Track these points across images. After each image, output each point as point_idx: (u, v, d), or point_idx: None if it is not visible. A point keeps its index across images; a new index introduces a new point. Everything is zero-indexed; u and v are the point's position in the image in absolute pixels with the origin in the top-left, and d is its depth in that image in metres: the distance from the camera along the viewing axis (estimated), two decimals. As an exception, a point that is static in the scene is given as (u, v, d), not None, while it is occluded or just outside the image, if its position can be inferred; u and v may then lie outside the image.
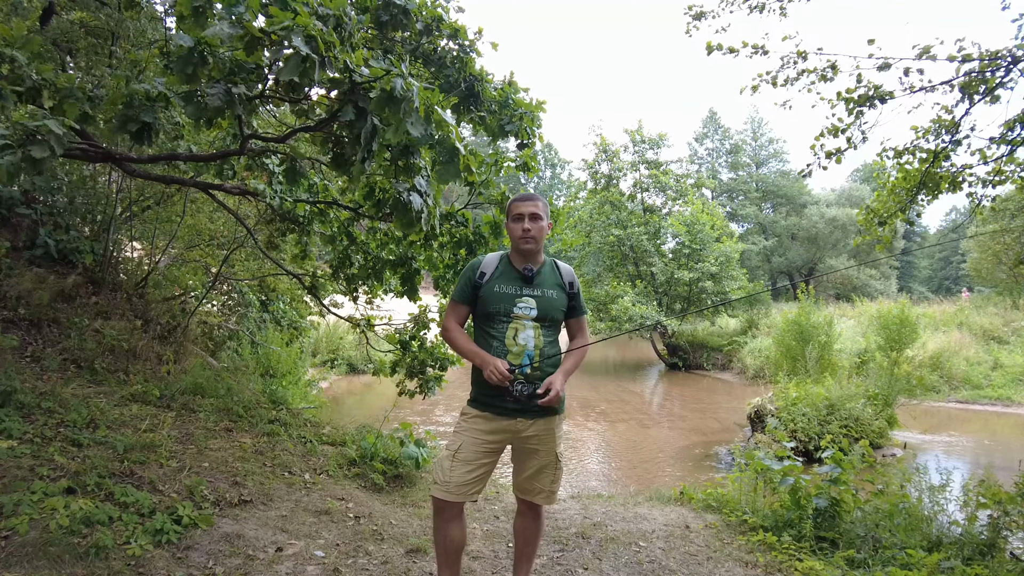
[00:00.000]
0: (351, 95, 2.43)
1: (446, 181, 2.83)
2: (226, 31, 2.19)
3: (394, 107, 2.34)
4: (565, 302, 2.45)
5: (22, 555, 2.37)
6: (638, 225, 19.90)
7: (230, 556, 2.77)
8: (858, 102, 4.50)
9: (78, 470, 3.07)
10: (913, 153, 4.64)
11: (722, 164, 47.96)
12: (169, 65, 2.31)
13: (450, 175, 2.74)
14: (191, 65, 2.25)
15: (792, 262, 38.14)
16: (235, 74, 2.40)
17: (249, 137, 3.22)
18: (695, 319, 19.62)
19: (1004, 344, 14.61)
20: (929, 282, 47.26)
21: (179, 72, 2.27)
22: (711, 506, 4.39)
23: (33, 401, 3.84)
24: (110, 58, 4.83)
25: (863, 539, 3.53)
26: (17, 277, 5.23)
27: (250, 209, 7.01)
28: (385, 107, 2.36)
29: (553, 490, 2.46)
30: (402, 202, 2.90)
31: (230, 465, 3.83)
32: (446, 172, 2.74)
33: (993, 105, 4.19)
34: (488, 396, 2.34)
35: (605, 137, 20.66)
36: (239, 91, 2.40)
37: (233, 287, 8.15)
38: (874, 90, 4.40)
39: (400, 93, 2.33)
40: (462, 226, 4.46)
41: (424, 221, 2.97)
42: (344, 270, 5.28)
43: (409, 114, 2.36)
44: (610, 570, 3.22)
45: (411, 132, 2.38)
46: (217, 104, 2.38)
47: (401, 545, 3.26)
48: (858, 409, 8.07)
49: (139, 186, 6.57)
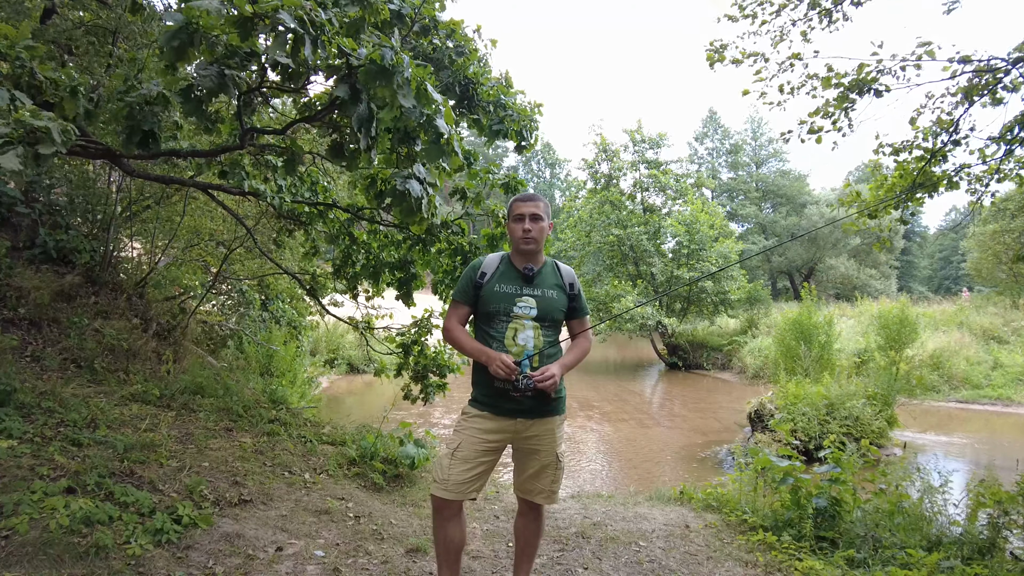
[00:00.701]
0: (348, 78, 2.42)
1: (432, 161, 2.80)
2: (215, 4, 2.17)
3: (385, 79, 2.32)
4: (565, 302, 2.45)
5: (22, 554, 2.37)
6: (638, 225, 19.90)
7: (230, 556, 2.77)
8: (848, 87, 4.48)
9: (78, 470, 3.07)
10: (911, 151, 4.62)
11: (722, 164, 47.98)
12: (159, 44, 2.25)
13: (434, 155, 2.72)
14: (179, 39, 2.18)
15: (792, 261, 38.14)
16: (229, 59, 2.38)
17: (249, 131, 3.21)
18: (695, 319, 19.62)
19: (1004, 344, 14.62)
20: (929, 282, 47.29)
21: (166, 46, 2.19)
22: (711, 506, 4.39)
23: (33, 401, 3.84)
24: (111, 57, 4.82)
25: (863, 539, 3.53)
26: (17, 277, 5.23)
27: (250, 209, 7.01)
28: (376, 79, 2.33)
29: (554, 490, 2.46)
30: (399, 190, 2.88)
31: (230, 465, 3.83)
32: (431, 152, 2.72)
33: (995, 107, 4.18)
34: (488, 396, 2.34)
35: (605, 137, 20.70)
36: (232, 73, 2.38)
37: (233, 287, 8.15)
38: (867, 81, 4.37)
39: (390, 63, 2.30)
40: (458, 235, 4.46)
41: (424, 208, 2.94)
42: (347, 269, 5.29)
43: (401, 86, 2.34)
44: (610, 570, 3.22)
45: (403, 104, 2.36)
46: (211, 85, 2.34)
47: (401, 544, 3.26)
48: (858, 409, 8.08)
49: (139, 185, 6.56)
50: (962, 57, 4.11)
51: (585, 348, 2.56)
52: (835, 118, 4.64)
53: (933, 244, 48.37)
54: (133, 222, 7.02)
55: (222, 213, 7.02)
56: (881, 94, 4.41)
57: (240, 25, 2.22)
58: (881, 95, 4.41)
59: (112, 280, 6.26)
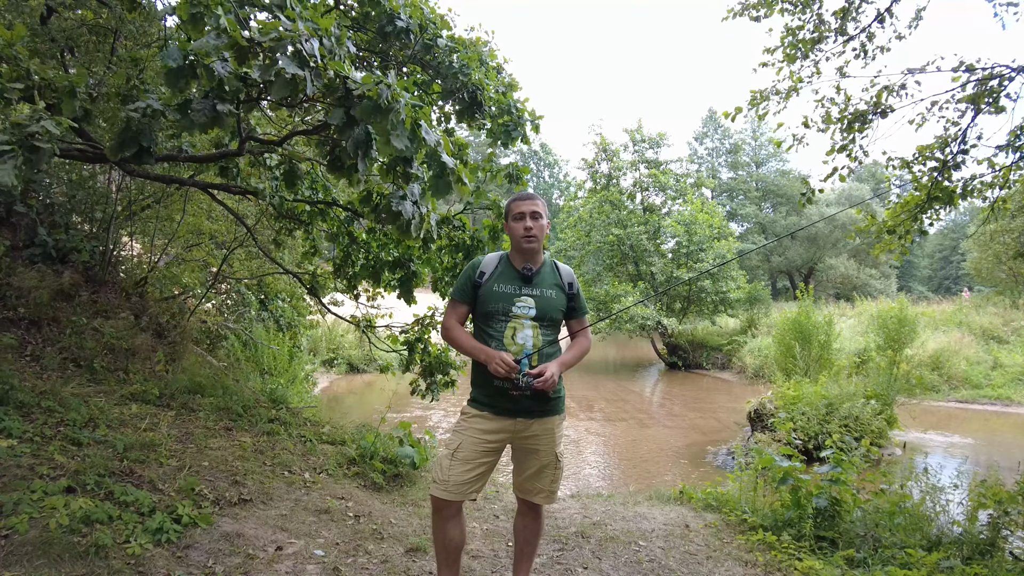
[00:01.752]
0: (344, 101, 2.43)
1: (440, 196, 2.84)
2: (212, 43, 2.22)
3: (380, 117, 2.35)
4: (564, 302, 2.45)
5: (22, 554, 2.37)
6: (638, 224, 19.89)
7: (230, 555, 2.77)
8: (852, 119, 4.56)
9: (78, 469, 3.07)
10: (923, 163, 4.64)
11: (722, 164, 47.97)
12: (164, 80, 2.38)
13: (442, 190, 2.76)
14: (183, 79, 2.33)
15: (792, 261, 38.15)
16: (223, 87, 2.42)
17: (247, 139, 3.22)
18: (695, 318, 19.63)
19: (1004, 343, 14.62)
20: (929, 281, 47.31)
21: (171, 87, 2.34)
22: (711, 505, 4.39)
23: (33, 400, 3.84)
24: (111, 55, 4.82)
25: (863, 538, 3.53)
26: (16, 276, 5.23)
27: (250, 208, 7.01)
28: (372, 116, 2.36)
29: (553, 490, 2.46)
30: (393, 211, 2.91)
31: (230, 464, 3.83)
32: (438, 187, 2.75)
33: (998, 115, 4.18)
34: (488, 396, 2.34)
35: (605, 136, 20.69)
36: (224, 108, 2.44)
37: (232, 286, 8.14)
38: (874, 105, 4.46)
39: (385, 103, 2.33)
40: (460, 231, 4.47)
41: (414, 228, 2.97)
42: (347, 268, 5.30)
43: (395, 126, 2.36)
44: (610, 569, 3.22)
45: (395, 144, 2.39)
46: (203, 121, 2.42)
47: (401, 544, 3.26)
48: (858, 408, 8.08)
49: (139, 185, 6.56)
50: (967, 66, 4.12)
51: (584, 347, 2.57)
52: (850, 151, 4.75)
53: (933, 244, 48.39)
54: (133, 221, 7.01)
55: (222, 212, 7.02)
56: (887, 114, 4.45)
57: (237, 52, 2.28)
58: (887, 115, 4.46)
59: (112, 279, 6.26)
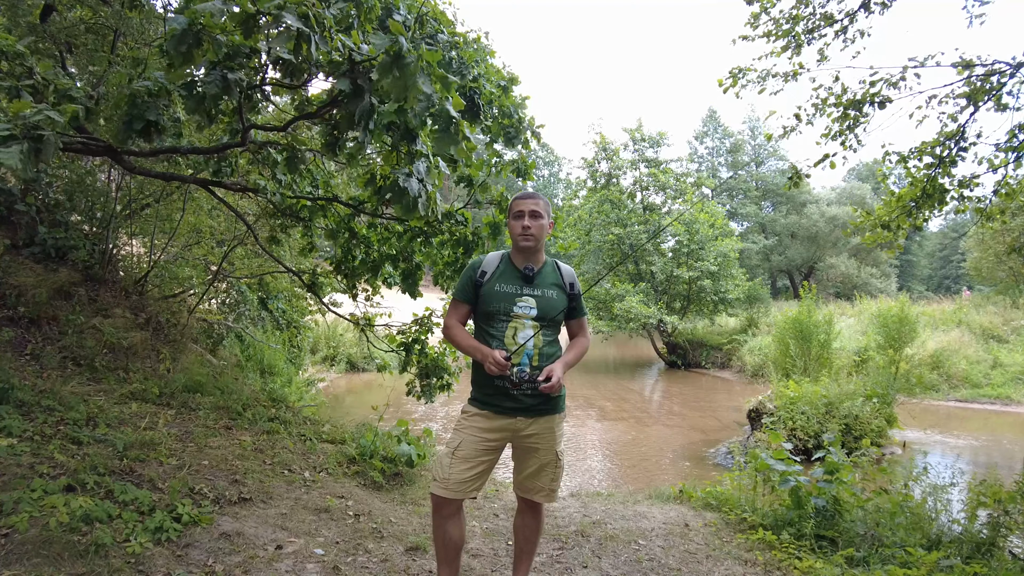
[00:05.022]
0: (350, 73, 2.43)
1: (444, 150, 2.81)
2: (218, 6, 2.19)
3: (402, 67, 2.33)
4: (565, 302, 2.45)
5: (22, 553, 2.37)
6: (638, 224, 19.88)
7: (230, 554, 2.77)
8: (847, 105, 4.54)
9: (78, 468, 3.06)
10: (920, 158, 4.62)
11: (722, 163, 47.94)
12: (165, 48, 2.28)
13: (447, 143, 2.73)
14: (185, 44, 2.22)
15: (792, 260, 38.14)
16: (232, 59, 2.39)
17: (250, 127, 3.21)
18: (695, 317, 19.62)
19: (1004, 343, 14.63)
20: (929, 281, 47.31)
21: (173, 51, 2.22)
22: (710, 504, 4.39)
23: (32, 399, 3.84)
24: (112, 54, 4.81)
25: (863, 538, 3.53)
26: (16, 274, 5.22)
27: (250, 206, 7.00)
28: (391, 70, 2.33)
29: (553, 488, 2.46)
30: (400, 187, 2.91)
31: (230, 463, 3.83)
32: (443, 140, 2.73)
33: (1001, 113, 4.17)
34: (488, 395, 2.34)
35: (605, 135, 20.66)
36: (235, 77, 2.39)
37: (232, 285, 8.14)
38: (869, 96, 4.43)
39: (407, 53, 2.32)
40: (461, 225, 4.47)
41: (422, 206, 2.97)
42: (346, 265, 5.29)
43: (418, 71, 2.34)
44: (609, 568, 3.22)
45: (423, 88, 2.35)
46: (215, 91, 2.37)
47: (401, 543, 3.26)
48: (857, 407, 8.08)
49: (139, 183, 6.55)
50: (966, 62, 4.11)
51: (584, 346, 2.57)
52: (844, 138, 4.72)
53: (933, 243, 48.38)
54: (133, 220, 7.00)
55: (221, 210, 7.01)
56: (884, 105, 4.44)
57: (243, 23, 2.23)
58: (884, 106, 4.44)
59: (111, 278, 6.24)
